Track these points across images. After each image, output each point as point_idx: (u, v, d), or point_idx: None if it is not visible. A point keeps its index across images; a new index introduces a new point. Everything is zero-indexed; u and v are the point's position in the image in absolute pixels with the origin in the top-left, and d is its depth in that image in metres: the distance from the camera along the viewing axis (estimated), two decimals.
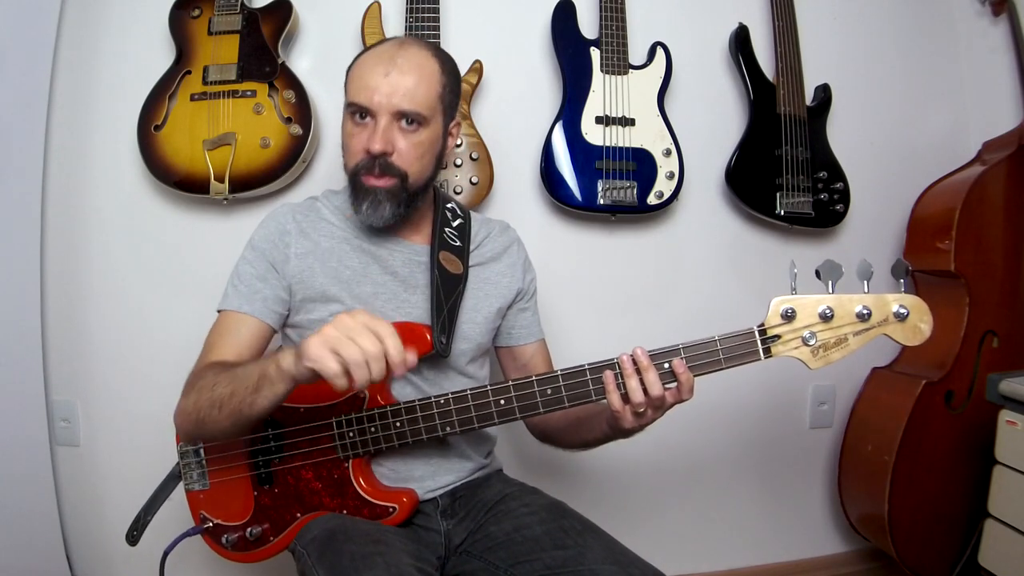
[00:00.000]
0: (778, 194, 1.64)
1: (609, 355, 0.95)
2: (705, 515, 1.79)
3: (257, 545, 1.06)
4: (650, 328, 1.70)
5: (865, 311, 0.89)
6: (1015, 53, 1.76)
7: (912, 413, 1.54)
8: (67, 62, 1.53)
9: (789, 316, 0.90)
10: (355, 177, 1.04)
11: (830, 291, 0.91)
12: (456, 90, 1.11)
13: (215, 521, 1.07)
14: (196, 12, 1.48)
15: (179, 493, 1.11)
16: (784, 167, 1.63)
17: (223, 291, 1.08)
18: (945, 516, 1.58)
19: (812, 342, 0.90)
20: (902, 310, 0.90)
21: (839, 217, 1.69)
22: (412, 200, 1.06)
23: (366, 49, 1.08)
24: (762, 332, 0.91)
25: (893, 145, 1.83)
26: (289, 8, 1.50)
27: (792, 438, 1.82)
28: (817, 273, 0.91)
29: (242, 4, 1.48)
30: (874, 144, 1.82)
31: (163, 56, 1.49)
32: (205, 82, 1.44)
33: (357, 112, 1.02)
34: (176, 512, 1.14)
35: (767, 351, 0.91)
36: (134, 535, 1.11)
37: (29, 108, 1.47)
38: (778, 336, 0.91)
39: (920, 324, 0.90)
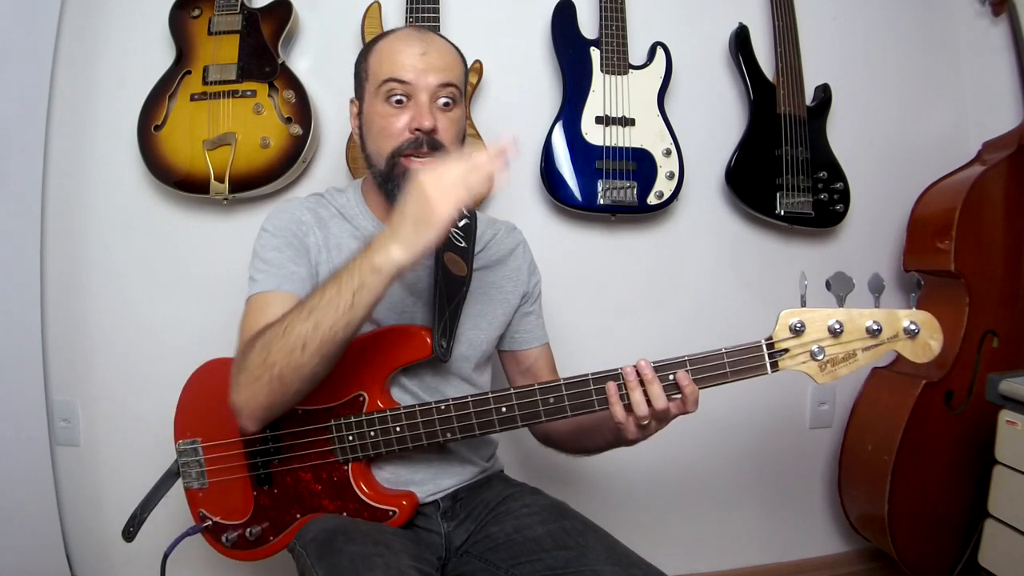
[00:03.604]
0: (778, 194, 1.64)
1: (609, 355, 0.94)
2: (705, 515, 1.79)
3: (257, 544, 1.06)
4: (650, 328, 1.72)
5: (875, 326, 0.88)
6: (1015, 53, 1.76)
7: (912, 413, 1.54)
8: (67, 62, 1.53)
9: (798, 330, 0.88)
10: (394, 159, 0.99)
11: (839, 305, 0.89)
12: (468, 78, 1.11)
13: (215, 519, 1.07)
14: (196, 12, 1.48)
15: (179, 492, 1.10)
16: (784, 167, 1.63)
17: (248, 279, 1.02)
18: (945, 516, 1.58)
19: (820, 357, 0.89)
20: (913, 326, 0.88)
21: (839, 217, 1.69)
22: None
23: (379, 37, 1.05)
24: (770, 346, 0.90)
25: (893, 145, 1.83)
26: (289, 8, 1.50)
27: (792, 438, 1.82)
28: (827, 285, 0.89)
29: (242, 4, 1.48)
30: (874, 144, 1.82)
31: (163, 56, 1.49)
32: (205, 82, 1.44)
33: (395, 91, 0.99)
34: (175, 512, 1.14)
35: (774, 365, 0.90)
36: (130, 532, 1.11)
37: (29, 108, 1.47)
38: (786, 350, 0.89)
39: (930, 341, 0.89)
